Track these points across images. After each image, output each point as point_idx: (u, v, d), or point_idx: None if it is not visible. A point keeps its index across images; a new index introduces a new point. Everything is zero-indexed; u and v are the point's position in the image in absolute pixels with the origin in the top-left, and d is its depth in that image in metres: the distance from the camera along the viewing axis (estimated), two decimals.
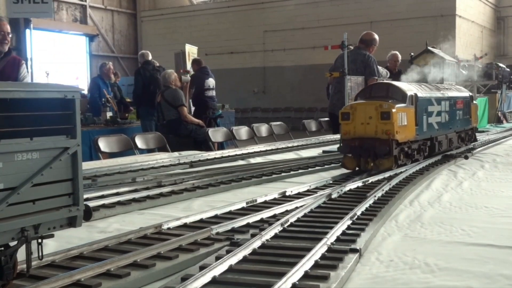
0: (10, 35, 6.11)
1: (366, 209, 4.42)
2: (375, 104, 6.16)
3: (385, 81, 6.88)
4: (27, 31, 20.18)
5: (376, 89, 6.74)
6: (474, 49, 21.64)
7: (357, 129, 6.21)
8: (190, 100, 12.79)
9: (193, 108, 12.78)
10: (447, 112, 7.96)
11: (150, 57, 13.17)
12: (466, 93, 9.32)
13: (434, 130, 7.33)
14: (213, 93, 12.70)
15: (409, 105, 6.45)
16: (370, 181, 5.69)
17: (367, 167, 6.21)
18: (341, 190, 5.13)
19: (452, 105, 8.23)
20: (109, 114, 12.39)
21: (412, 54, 12.64)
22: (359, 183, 5.54)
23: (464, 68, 15.56)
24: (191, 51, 15.43)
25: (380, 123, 6.07)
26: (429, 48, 12.32)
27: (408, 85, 6.93)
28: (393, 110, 6.06)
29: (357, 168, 6.35)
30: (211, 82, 12.66)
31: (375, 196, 4.85)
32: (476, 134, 9.92)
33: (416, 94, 6.69)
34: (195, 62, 13.22)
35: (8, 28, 6.10)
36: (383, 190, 5.16)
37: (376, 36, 10.64)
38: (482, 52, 20.08)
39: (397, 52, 13.32)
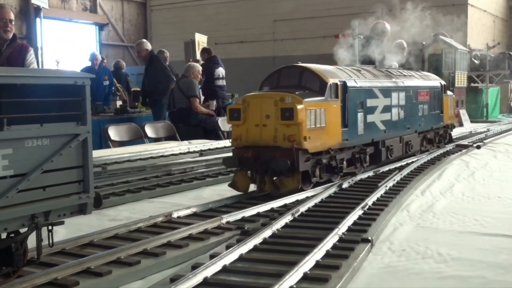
0: (13, 23, 6.07)
1: (378, 199, 4.39)
2: (274, 97, 4.37)
3: (298, 64, 4.93)
4: (38, 20, 20.21)
5: (286, 76, 4.86)
6: (486, 38, 21.42)
7: (250, 134, 4.44)
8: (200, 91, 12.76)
9: (202, 97, 12.75)
10: (403, 107, 6.00)
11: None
12: (435, 82, 7.34)
13: (378, 132, 5.52)
14: (223, 82, 12.65)
15: (331, 98, 4.70)
16: (381, 171, 5.64)
17: (264, 188, 4.51)
18: (352, 180, 5.10)
19: (410, 97, 6.20)
20: (118, 103, 12.38)
21: (424, 43, 12.53)
22: (370, 173, 5.50)
23: (476, 58, 15.42)
24: (201, 40, 15.39)
25: (280, 125, 4.31)
26: (440, 37, 12.22)
27: (333, 70, 5.09)
28: (299, 107, 4.27)
29: (254, 188, 4.63)
30: (221, 71, 12.62)
31: (386, 186, 4.81)
32: (452, 133, 8.08)
33: (344, 83, 4.91)
34: (205, 51, 13.18)
35: (10, 15, 6.07)
36: (394, 180, 5.11)
37: (388, 26, 10.51)
38: (495, 42, 19.84)
39: (403, 41, 13.14)
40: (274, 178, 4.48)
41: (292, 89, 4.56)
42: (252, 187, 4.66)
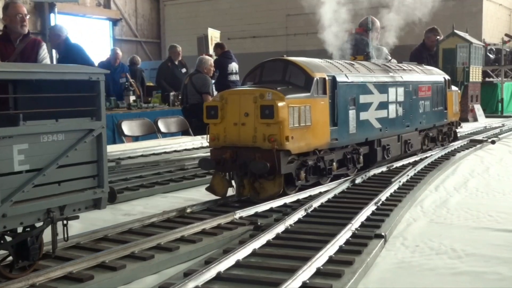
0: (28, 17, 6.15)
1: (391, 195, 4.37)
2: (253, 94, 4.06)
3: (283, 58, 4.65)
4: (52, 15, 20.36)
5: (269, 70, 4.55)
6: (502, 32, 21.20)
7: (228, 133, 4.14)
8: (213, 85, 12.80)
9: (215, 93, 12.77)
10: (401, 103, 5.67)
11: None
12: (438, 76, 6.85)
13: (372, 131, 5.17)
14: (236, 77, 12.67)
15: (317, 94, 4.38)
16: (394, 166, 5.61)
17: (243, 192, 4.21)
18: (365, 175, 5.08)
19: (410, 92, 5.87)
20: (132, 98, 12.44)
21: (439, 37, 12.42)
22: (383, 168, 5.47)
23: (491, 52, 15.26)
24: (214, 35, 15.40)
25: (260, 124, 4.00)
26: (455, 31, 12.10)
27: (321, 64, 4.70)
28: (280, 104, 3.95)
29: (233, 192, 4.32)
30: (234, 66, 12.63)
31: (400, 182, 4.78)
32: (458, 130, 7.63)
33: (333, 78, 4.60)
34: (218, 46, 13.20)
35: (24, 10, 6.15)
36: (408, 175, 5.09)
37: (377, 20, 10.25)
38: (510, 36, 19.62)
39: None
40: (254, 182, 4.17)
41: (275, 84, 4.26)
42: (231, 192, 4.37)
